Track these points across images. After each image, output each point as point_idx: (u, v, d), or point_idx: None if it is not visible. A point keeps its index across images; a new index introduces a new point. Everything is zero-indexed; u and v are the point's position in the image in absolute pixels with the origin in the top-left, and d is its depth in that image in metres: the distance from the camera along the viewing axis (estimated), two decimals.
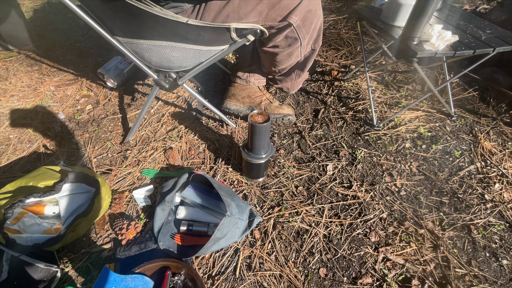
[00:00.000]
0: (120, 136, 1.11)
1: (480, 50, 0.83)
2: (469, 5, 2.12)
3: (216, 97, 1.27)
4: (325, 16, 1.97)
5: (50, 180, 0.70)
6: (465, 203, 0.86)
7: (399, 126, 1.11)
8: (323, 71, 1.42)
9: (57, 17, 2.04)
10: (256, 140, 0.83)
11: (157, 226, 0.79)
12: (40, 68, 1.45)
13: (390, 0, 0.93)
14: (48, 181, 0.70)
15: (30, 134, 1.10)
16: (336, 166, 0.98)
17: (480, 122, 1.12)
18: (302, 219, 0.84)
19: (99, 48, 1.65)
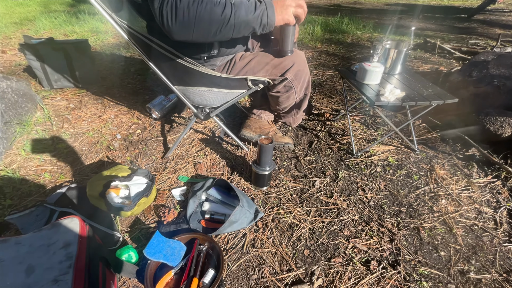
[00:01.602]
0: (161, 153, 1.48)
1: (420, 103, 1.19)
2: (445, 67, 2.58)
3: (234, 127, 1.66)
4: (324, 71, 2.45)
5: (124, 172, 1.05)
6: (417, 212, 1.14)
7: (373, 155, 1.43)
8: (318, 113, 1.81)
9: (113, 65, 2.62)
10: (263, 156, 1.18)
11: (188, 213, 1.10)
12: (103, 102, 1.92)
13: (359, 67, 1.34)
14: (123, 173, 1.05)
15: (97, 148, 1.49)
16: (322, 182, 1.30)
17: (438, 156, 1.43)
18: (294, 217, 1.14)
19: (145, 89, 2.14)
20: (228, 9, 0.83)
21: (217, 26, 0.84)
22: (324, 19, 4.45)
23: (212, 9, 0.81)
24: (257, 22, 0.88)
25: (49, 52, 1.94)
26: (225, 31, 0.86)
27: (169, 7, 0.79)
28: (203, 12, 0.80)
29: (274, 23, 0.90)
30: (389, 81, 1.37)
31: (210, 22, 0.82)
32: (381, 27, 4.01)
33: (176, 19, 0.80)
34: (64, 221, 0.74)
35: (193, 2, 0.79)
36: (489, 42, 3.25)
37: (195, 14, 0.80)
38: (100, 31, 3.90)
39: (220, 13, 0.82)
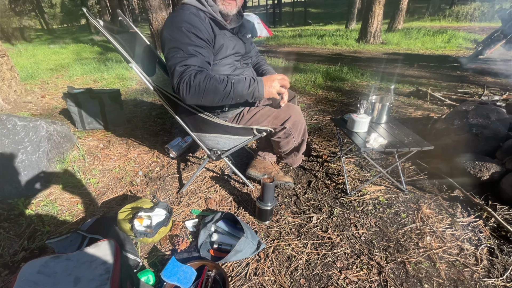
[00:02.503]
0: (176, 188, 1.68)
1: (400, 149, 1.39)
2: (436, 114, 2.81)
3: (241, 167, 1.87)
4: (324, 116, 2.71)
5: (148, 204, 1.25)
6: (404, 247, 1.26)
7: (365, 195, 1.59)
8: (317, 155, 2.02)
9: (137, 108, 2.97)
10: (266, 194, 1.36)
11: (199, 243, 1.26)
12: (128, 142, 2.20)
13: (349, 117, 1.58)
14: (147, 205, 1.25)
15: (121, 183, 1.71)
16: (318, 218, 1.45)
17: (425, 197, 1.58)
18: (292, 249, 1.27)
19: (164, 131, 2.43)
20: (229, 87, 1.11)
21: (219, 98, 1.12)
22: (326, 67, 4.91)
23: (216, 86, 1.10)
24: (249, 95, 1.16)
25: (87, 99, 2.29)
26: (225, 101, 1.15)
27: (184, 85, 1.08)
28: (210, 89, 1.09)
29: (262, 97, 1.18)
30: (376, 130, 1.59)
31: (214, 95, 1.11)
32: (377, 76, 4.39)
33: (189, 93, 1.09)
34: (103, 242, 0.92)
35: (203, 81, 1.08)
36: (478, 90, 3.51)
37: (204, 90, 1.09)
38: (126, 78, 4.42)
39: (222, 89, 1.10)
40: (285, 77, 1.20)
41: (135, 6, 40.01)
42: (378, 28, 7.98)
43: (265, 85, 1.16)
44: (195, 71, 1.10)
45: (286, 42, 9.63)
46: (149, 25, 6.15)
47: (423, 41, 8.05)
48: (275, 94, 1.18)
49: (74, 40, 12.46)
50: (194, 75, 1.09)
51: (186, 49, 1.12)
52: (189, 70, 1.09)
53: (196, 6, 1.22)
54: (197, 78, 1.08)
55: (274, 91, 1.17)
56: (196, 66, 1.11)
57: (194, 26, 1.15)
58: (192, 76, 1.08)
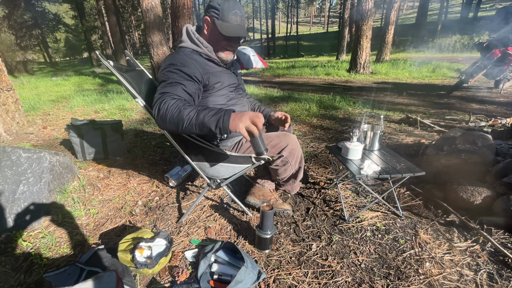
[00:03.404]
0: (176, 218, 1.69)
1: (393, 175, 1.45)
2: (426, 140, 2.92)
3: (240, 194, 1.89)
4: (319, 144, 2.80)
5: (149, 235, 1.26)
6: (405, 274, 1.27)
7: (363, 221, 1.61)
8: (314, 181, 2.06)
9: (137, 138, 3.04)
10: (265, 221, 1.38)
11: (199, 274, 1.25)
12: (128, 172, 2.23)
13: (342, 146, 1.66)
14: (148, 235, 1.25)
15: (121, 213, 1.72)
16: (318, 245, 1.45)
17: (422, 222, 1.60)
18: (293, 278, 1.27)
19: (164, 160, 2.47)
20: (192, 112, 1.06)
21: (182, 124, 1.11)
22: (319, 96, 5.13)
23: (180, 112, 1.10)
24: (213, 123, 1.04)
25: (89, 130, 2.36)
26: (189, 128, 1.08)
27: (157, 109, 1.14)
28: (174, 114, 1.10)
29: (227, 128, 1.03)
30: (369, 157, 1.66)
31: (177, 121, 1.11)
32: (369, 104, 4.59)
33: (158, 116, 1.13)
34: (104, 274, 0.93)
35: (171, 105, 1.12)
36: (465, 117, 3.68)
37: (168, 115, 1.11)
38: (126, 108, 4.55)
39: (184, 115, 1.07)
40: (259, 115, 1.06)
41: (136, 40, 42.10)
42: (367, 59, 8.46)
43: (233, 117, 1.04)
44: (170, 97, 1.14)
45: (280, 73, 10.09)
46: (150, 58, 6.47)
47: (410, 71, 8.51)
48: (242, 129, 1.02)
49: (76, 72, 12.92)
50: (167, 101, 1.12)
51: (170, 80, 1.22)
52: (164, 96, 1.15)
53: (192, 48, 1.35)
54: (168, 103, 1.11)
55: (241, 125, 1.02)
56: (172, 93, 1.17)
57: (184, 65, 1.26)
58: (164, 101, 1.12)
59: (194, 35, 1.35)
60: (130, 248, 1.16)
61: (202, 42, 1.35)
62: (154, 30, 6.19)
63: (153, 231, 1.32)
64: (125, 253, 1.16)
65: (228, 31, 1.29)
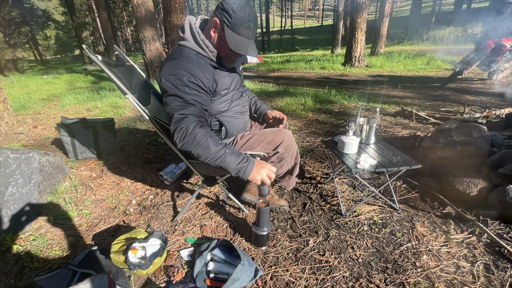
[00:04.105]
0: (171, 216, 1.66)
1: (390, 169, 1.43)
2: (422, 132, 2.92)
3: (236, 191, 1.87)
4: (315, 138, 2.78)
5: (142, 235, 1.23)
6: (402, 268, 1.26)
7: (360, 215, 1.60)
8: (310, 176, 2.05)
9: (130, 136, 2.99)
10: (261, 218, 1.36)
11: (195, 273, 1.23)
12: (121, 171, 2.19)
13: (338, 140, 1.64)
14: (141, 235, 1.23)
15: (114, 213, 1.68)
16: (315, 241, 1.44)
17: (418, 215, 1.60)
18: (290, 274, 1.25)
19: (158, 158, 2.43)
20: (220, 153, 1.11)
21: (206, 157, 1.13)
22: (315, 90, 5.10)
23: (209, 146, 1.12)
24: (235, 170, 1.14)
25: (80, 129, 2.30)
26: (211, 162, 1.14)
27: (180, 132, 1.12)
28: (203, 146, 1.11)
29: (246, 178, 1.14)
30: (365, 150, 1.64)
31: (204, 153, 1.12)
32: (364, 97, 4.58)
33: (182, 141, 1.13)
34: (96, 277, 0.90)
35: (200, 136, 1.11)
36: (460, 108, 3.69)
37: (197, 144, 1.11)
38: (119, 106, 4.47)
39: (213, 151, 1.11)
40: (274, 170, 1.20)
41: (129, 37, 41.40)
42: (362, 53, 8.43)
43: (255, 170, 1.15)
44: (194, 122, 1.13)
45: (275, 67, 10.01)
46: (143, 54, 6.36)
47: (404, 64, 8.52)
48: (258, 180, 1.15)
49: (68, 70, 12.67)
50: (193, 127, 1.11)
51: (186, 98, 1.16)
52: (187, 120, 1.13)
53: (196, 51, 1.24)
54: (195, 131, 1.11)
55: (258, 177, 1.15)
56: (194, 116, 1.15)
57: (194, 76, 1.18)
58: (190, 126, 1.11)
59: (199, 36, 1.22)
60: (123, 249, 1.13)
61: (208, 46, 1.24)
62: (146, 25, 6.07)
63: (147, 231, 1.29)
64: (118, 255, 1.13)
65: (236, 46, 1.18)
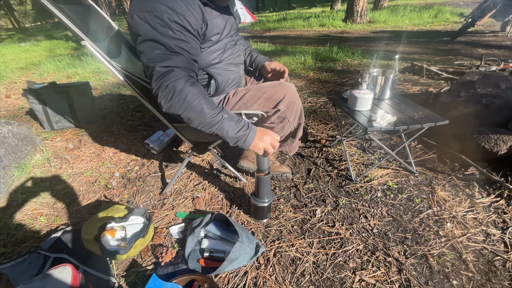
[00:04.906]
0: (159, 189, 1.47)
1: (412, 126, 1.21)
2: (434, 88, 2.66)
3: (232, 159, 1.67)
4: (317, 98, 2.52)
5: (121, 212, 1.04)
6: (424, 238, 1.11)
7: (372, 180, 1.42)
8: (314, 139, 1.84)
9: (113, 103, 2.70)
10: (261, 188, 1.17)
11: (187, 252, 1.07)
12: (102, 140, 1.95)
13: (350, 95, 1.39)
14: (120, 213, 1.03)
15: (94, 187, 1.49)
16: (323, 211, 1.27)
17: (437, 177, 1.42)
18: (296, 250, 1.10)
19: (144, 125, 2.19)
20: (217, 119, 0.90)
21: (199, 122, 0.90)
22: (315, 49, 4.68)
23: (203, 110, 0.88)
24: (233, 139, 0.94)
25: (51, 95, 2.01)
26: (204, 129, 0.92)
27: (166, 91, 0.87)
28: (195, 109, 0.88)
29: (247, 148, 0.96)
30: (380, 106, 1.41)
31: (196, 117, 0.89)
32: (369, 54, 4.20)
33: (169, 102, 0.88)
34: (55, 271, 0.71)
35: (193, 96, 0.87)
36: (473, 62, 3.38)
37: (188, 106, 0.87)
38: (102, 72, 4.08)
39: (208, 116, 0.89)
40: (278, 138, 1.02)
41: None
42: (365, 7, 7.73)
43: (257, 138, 0.97)
44: (183, 78, 0.88)
45: (271, 26, 9.28)
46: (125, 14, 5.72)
47: (410, 18, 7.87)
48: (260, 149, 0.98)
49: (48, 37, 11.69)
50: (183, 84, 0.87)
51: (169, 44, 0.87)
52: (174, 75, 0.87)
53: None
54: (186, 89, 0.87)
55: (261, 145, 0.97)
56: (182, 69, 0.89)
57: (178, 13, 0.87)
58: (178, 84, 0.87)
59: None
60: (96, 233, 0.94)
61: None
62: None
63: (127, 207, 1.10)
64: (90, 238, 0.95)
65: None
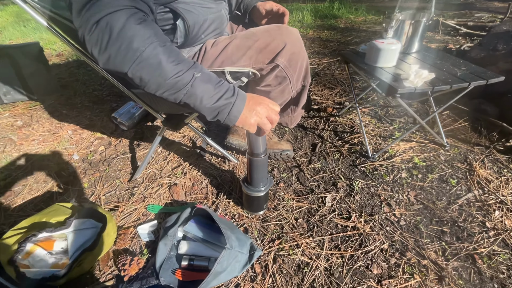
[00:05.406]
0: (128, 175, 1.18)
1: (456, 85, 0.90)
2: (454, 45, 2.30)
3: (219, 135, 1.36)
4: (319, 59, 2.15)
5: (62, 216, 0.75)
6: (466, 231, 0.86)
7: (394, 157, 1.15)
8: (319, 108, 1.52)
9: (79, 70, 2.28)
10: (255, 173, 0.88)
11: (159, 261, 0.80)
12: (60, 115, 1.60)
13: (369, 46, 1.05)
14: (60, 217, 0.75)
15: (46, 175, 1.18)
16: (334, 198, 1.00)
17: (473, 151, 1.15)
18: (303, 252, 0.84)
19: (114, 95, 1.82)
20: (186, 79, 0.56)
21: (157, 85, 0.57)
22: (313, 5, 4.14)
23: (160, 65, 0.54)
24: (211, 110, 0.61)
25: None
26: (167, 94, 0.58)
27: (96, 34, 0.51)
28: (147, 62, 0.53)
29: (232, 123, 0.63)
30: (408, 62, 1.08)
31: (150, 77, 0.55)
32: (374, 9, 3.72)
33: (104, 53, 0.53)
34: None
35: (140, 42, 0.52)
36: (495, 16, 2.99)
37: (134, 58, 0.53)
38: None
39: (170, 74, 0.55)
40: (278, 109, 0.68)
41: None
42: None
43: (246, 106, 0.63)
44: (125, 11, 0.52)
45: None
46: None
47: None
48: (252, 126, 0.64)
49: None
50: (124, 21, 0.51)
51: None
52: (109, 6, 0.51)
53: None
54: (130, 29, 0.52)
55: (253, 120, 0.63)
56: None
57: None
58: (117, 19, 0.51)
59: None
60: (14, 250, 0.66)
61: None
62: None
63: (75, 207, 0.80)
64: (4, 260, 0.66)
65: None
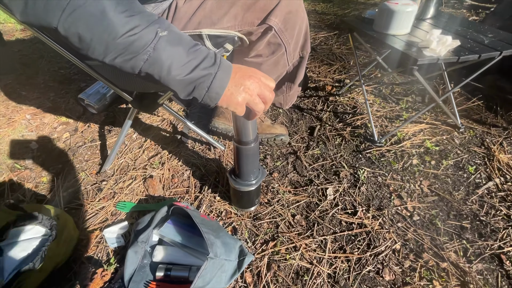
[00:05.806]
0: (96, 166, 1.01)
1: (486, 54, 0.75)
2: None
3: (203, 118, 1.18)
4: (316, 33, 1.95)
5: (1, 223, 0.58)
6: (489, 227, 0.74)
7: (403, 141, 1.01)
8: (316, 86, 1.35)
9: (45, 46, 2.01)
10: (244, 164, 0.72)
11: (128, 273, 0.66)
12: (18, 96, 1.38)
13: (381, 9, 0.87)
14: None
15: None
16: (337, 190, 0.87)
17: (490, 133, 1.02)
18: (302, 256, 0.71)
19: (83, 74, 1.60)
20: (147, 34, 0.39)
21: (104, 46, 0.38)
22: None
23: (104, 14, 0.36)
24: (183, 84, 0.42)
25: None
26: (118, 62, 0.40)
27: None
28: (86, 10, 0.36)
29: (214, 103, 0.44)
30: (423, 29, 0.91)
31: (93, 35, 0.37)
32: None
33: None
34: None
35: None
36: None
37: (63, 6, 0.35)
38: None
39: (122, 30, 0.37)
40: (273, 84, 0.49)
41: None
42: None
43: (231, 79, 0.44)
44: None
45: None
46: None
47: None
48: (239, 105, 0.46)
49: None
50: None
51: None
52: None
53: None
54: None
55: (240, 98, 0.45)
56: None
57: None
58: None
59: None
60: None
61: None
62: None
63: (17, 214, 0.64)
64: None
65: None
